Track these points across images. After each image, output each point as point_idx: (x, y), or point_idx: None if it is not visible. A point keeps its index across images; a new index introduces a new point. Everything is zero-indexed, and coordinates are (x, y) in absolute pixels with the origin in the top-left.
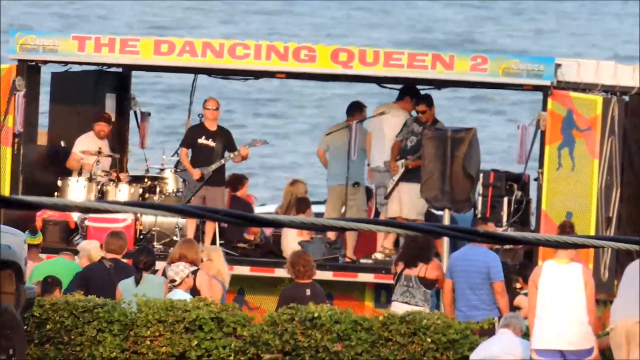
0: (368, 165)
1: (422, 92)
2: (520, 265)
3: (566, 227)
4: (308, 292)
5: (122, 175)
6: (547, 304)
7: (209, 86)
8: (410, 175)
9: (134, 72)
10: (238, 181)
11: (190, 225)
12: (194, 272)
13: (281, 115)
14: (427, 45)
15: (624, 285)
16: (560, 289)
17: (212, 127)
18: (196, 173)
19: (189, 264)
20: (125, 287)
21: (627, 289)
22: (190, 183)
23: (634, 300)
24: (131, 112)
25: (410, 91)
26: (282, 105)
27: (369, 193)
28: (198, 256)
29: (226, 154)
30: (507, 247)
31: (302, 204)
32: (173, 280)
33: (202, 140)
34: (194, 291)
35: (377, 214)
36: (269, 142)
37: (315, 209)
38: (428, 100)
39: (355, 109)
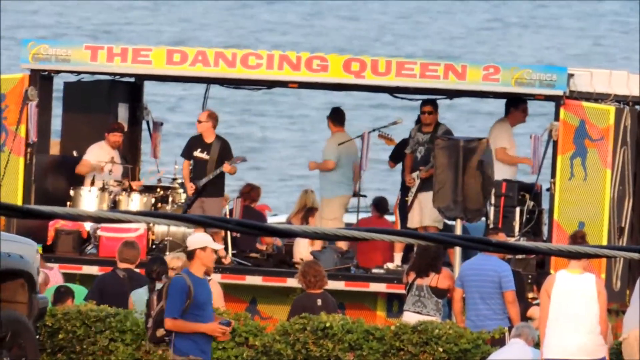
0: None
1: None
2: (536, 275)
3: (577, 237)
4: (319, 302)
5: (134, 185)
6: (560, 314)
7: (219, 95)
8: (426, 184)
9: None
10: (253, 192)
11: None
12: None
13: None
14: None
15: (637, 295)
16: (573, 299)
17: (209, 138)
18: (189, 188)
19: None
20: (138, 297)
21: None
22: (187, 195)
23: None
24: (144, 122)
25: (513, 103)
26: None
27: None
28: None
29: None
30: (520, 256)
31: (311, 213)
32: None
33: (197, 153)
34: None
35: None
36: (247, 160)
37: None
38: (434, 103)
39: (339, 115)
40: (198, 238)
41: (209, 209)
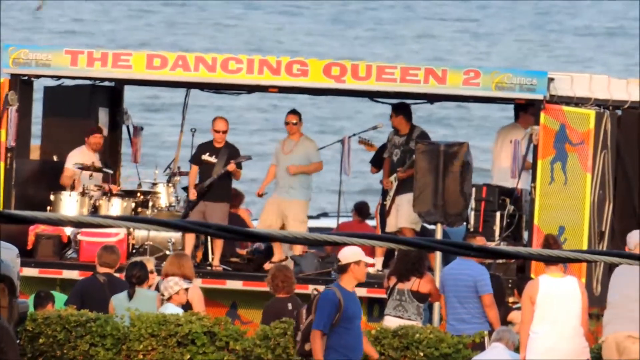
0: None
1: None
2: (516, 280)
3: (549, 241)
4: (290, 305)
5: (114, 189)
6: (546, 318)
7: (202, 99)
8: (404, 187)
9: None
10: (234, 196)
11: (188, 240)
12: (187, 287)
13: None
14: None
15: (613, 293)
16: (559, 303)
17: (219, 144)
18: (192, 193)
19: (181, 278)
20: (118, 302)
21: (617, 298)
22: (189, 199)
23: (624, 312)
24: (124, 127)
25: (522, 107)
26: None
27: None
28: (191, 270)
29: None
30: (500, 261)
31: None
32: (162, 295)
33: (205, 157)
34: (186, 305)
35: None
36: (252, 158)
37: (308, 223)
38: (395, 108)
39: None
40: (352, 251)
41: (212, 214)
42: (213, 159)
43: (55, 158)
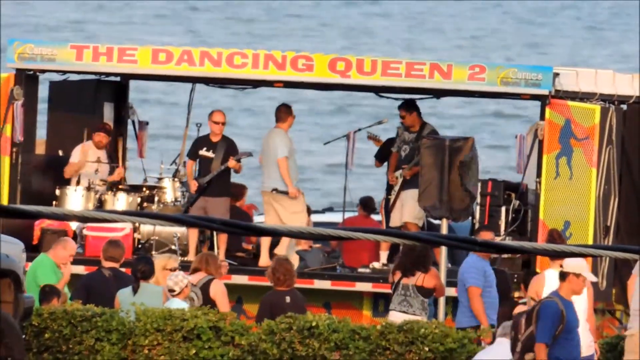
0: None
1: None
2: (522, 275)
3: (554, 236)
4: (288, 299)
5: (120, 184)
6: None
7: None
8: (409, 183)
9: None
10: (237, 191)
11: (192, 236)
12: (209, 282)
13: None
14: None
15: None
16: None
17: (216, 138)
18: (192, 185)
19: (207, 275)
20: (124, 296)
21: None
22: (190, 194)
23: None
24: (129, 121)
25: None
26: None
27: None
28: (218, 268)
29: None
30: (506, 256)
31: None
32: (172, 290)
33: (202, 152)
34: (208, 301)
35: None
36: (252, 155)
37: (313, 218)
38: (406, 106)
39: (284, 113)
40: (576, 263)
41: (213, 209)
42: (210, 154)
43: (60, 153)
